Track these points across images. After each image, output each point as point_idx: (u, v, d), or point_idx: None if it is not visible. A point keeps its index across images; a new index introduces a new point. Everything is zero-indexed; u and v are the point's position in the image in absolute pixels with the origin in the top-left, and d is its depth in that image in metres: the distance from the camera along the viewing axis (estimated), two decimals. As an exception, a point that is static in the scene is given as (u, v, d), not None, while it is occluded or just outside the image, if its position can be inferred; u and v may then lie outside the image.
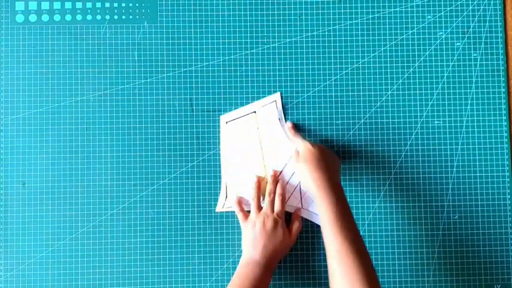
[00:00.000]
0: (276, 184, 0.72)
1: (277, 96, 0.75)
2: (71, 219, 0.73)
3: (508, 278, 0.74)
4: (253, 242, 0.67)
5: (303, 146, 0.68)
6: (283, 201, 0.71)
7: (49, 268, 0.73)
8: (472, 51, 0.77)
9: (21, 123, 0.74)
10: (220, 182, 0.74)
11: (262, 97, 0.76)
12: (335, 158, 0.70)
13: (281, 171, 0.73)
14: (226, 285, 0.73)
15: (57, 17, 0.76)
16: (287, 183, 0.73)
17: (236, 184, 0.74)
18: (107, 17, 0.76)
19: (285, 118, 0.75)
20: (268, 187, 0.72)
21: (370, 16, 0.77)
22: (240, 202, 0.73)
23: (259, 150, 0.75)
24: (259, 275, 0.64)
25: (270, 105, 0.75)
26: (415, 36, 0.77)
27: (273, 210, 0.70)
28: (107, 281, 0.73)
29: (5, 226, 0.73)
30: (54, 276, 0.73)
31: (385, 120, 0.76)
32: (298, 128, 0.75)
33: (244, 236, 0.69)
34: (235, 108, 0.75)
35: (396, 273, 0.74)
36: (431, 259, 0.74)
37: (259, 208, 0.71)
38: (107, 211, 0.74)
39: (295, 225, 0.71)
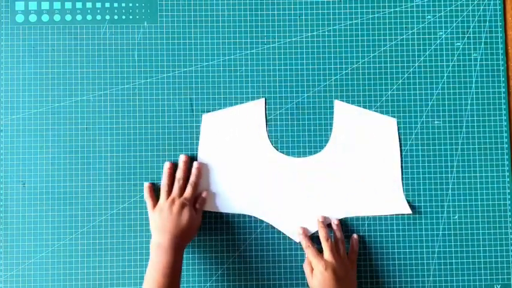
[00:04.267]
0: (186, 171, 0.73)
1: (261, 102, 0.75)
2: (71, 219, 0.73)
3: (508, 278, 0.74)
4: (160, 227, 0.68)
5: (316, 268, 0.68)
6: (195, 188, 0.72)
7: (49, 268, 0.73)
8: (472, 51, 0.77)
9: (21, 123, 0.74)
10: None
11: (262, 97, 0.76)
12: (352, 280, 0.70)
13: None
14: (227, 285, 0.73)
15: (57, 17, 0.76)
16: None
17: (212, 184, 0.74)
18: (107, 17, 0.76)
19: (265, 123, 0.75)
20: (179, 174, 0.72)
21: (370, 16, 0.77)
22: (151, 189, 0.72)
23: (238, 152, 0.74)
24: (168, 259, 0.66)
25: (253, 111, 0.75)
26: (415, 36, 0.77)
27: (181, 195, 0.71)
28: (107, 281, 0.73)
29: (5, 226, 0.73)
30: (54, 276, 0.73)
31: (385, 120, 0.76)
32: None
33: (151, 222, 0.70)
34: (235, 108, 0.75)
35: (396, 273, 0.74)
36: (431, 259, 0.74)
37: (168, 195, 0.71)
38: (107, 211, 0.74)
39: (199, 203, 0.72)
